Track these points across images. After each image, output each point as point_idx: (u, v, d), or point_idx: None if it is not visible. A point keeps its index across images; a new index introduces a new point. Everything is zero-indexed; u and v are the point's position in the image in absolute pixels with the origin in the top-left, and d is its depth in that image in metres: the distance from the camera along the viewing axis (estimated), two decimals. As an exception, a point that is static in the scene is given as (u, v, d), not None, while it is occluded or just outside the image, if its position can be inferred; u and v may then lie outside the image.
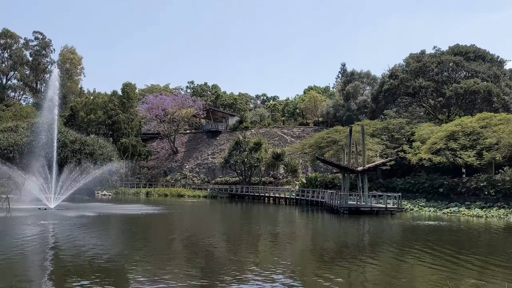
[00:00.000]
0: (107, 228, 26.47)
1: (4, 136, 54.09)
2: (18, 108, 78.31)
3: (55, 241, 19.67)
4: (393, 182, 47.89)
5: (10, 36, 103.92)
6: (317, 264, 15.77)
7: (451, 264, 15.23)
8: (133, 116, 75.89)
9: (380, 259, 16.69)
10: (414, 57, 57.03)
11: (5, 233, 21.90)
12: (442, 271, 14.11)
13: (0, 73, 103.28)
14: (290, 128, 78.50)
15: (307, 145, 52.84)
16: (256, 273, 13.57)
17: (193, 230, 26.54)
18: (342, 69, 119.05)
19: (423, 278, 13.49)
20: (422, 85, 52.30)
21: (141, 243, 19.81)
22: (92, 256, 15.77)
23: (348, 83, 74.16)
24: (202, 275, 13.27)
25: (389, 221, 32.32)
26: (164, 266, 14.52)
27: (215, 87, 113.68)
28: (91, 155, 54.59)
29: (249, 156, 61.40)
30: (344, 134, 48.59)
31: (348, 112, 70.21)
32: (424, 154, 42.18)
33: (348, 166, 37.23)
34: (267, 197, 56.72)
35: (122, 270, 13.75)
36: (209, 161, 77.24)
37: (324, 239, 23.39)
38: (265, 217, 37.06)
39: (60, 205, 36.22)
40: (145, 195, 64.68)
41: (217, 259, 16.21)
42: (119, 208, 38.30)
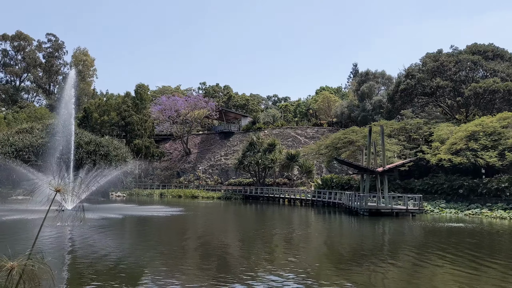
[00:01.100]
0: (134, 230, 26.20)
1: (20, 138, 54.22)
2: (32, 110, 78.59)
3: (81, 243, 19.41)
4: (410, 183, 47.19)
5: (23, 38, 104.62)
6: (337, 267, 15.42)
7: (473, 269, 14.71)
8: (146, 117, 75.88)
9: (402, 262, 16.28)
10: (431, 57, 56.23)
11: (38, 237, 21.68)
12: (463, 276, 13.65)
13: (14, 75, 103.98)
14: (303, 129, 77.87)
15: (323, 146, 52.26)
16: (275, 275, 13.35)
17: (215, 232, 26.19)
18: (354, 70, 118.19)
19: (443, 283, 13.03)
20: (439, 84, 51.49)
21: (166, 245, 19.50)
22: (118, 259, 15.47)
23: (362, 83, 73.36)
24: (226, 277, 12.98)
25: (410, 222, 31.73)
26: (184, 268, 14.18)
27: (227, 88, 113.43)
28: (106, 156, 54.45)
29: (263, 157, 60.94)
30: (361, 135, 47.99)
31: (363, 113, 69.44)
32: (443, 155, 41.48)
33: (367, 167, 36.61)
34: (282, 198, 56.21)
35: (149, 273, 13.43)
36: (222, 162, 76.91)
37: (345, 241, 22.92)
38: (282, 218, 36.63)
39: (77, 206, 36.02)
40: (158, 197, 64.52)
41: (240, 263, 15.83)
42: (140, 210, 37.95)
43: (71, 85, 42.82)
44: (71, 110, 42.03)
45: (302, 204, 51.81)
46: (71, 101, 41.59)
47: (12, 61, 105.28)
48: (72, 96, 42.01)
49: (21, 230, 24.15)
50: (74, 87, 43.24)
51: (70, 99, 41.71)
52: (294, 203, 53.16)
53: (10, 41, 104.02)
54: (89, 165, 45.53)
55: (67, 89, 43.75)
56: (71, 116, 42.06)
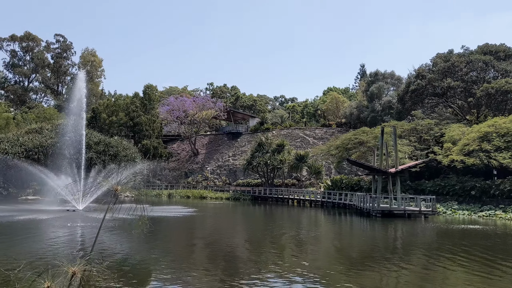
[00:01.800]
0: (156, 231, 25.96)
1: (29, 138, 54.38)
2: (41, 110, 78.81)
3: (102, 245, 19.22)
4: (421, 185, 46.78)
5: (31, 39, 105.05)
6: (349, 270, 15.22)
7: (487, 273, 14.42)
8: (155, 117, 75.86)
9: (415, 265, 16.07)
10: (441, 57, 55.76)
11: (62, 239, 21.59)
12: (477, 280, 13.39)
13: (22, 75, 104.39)
14: (312, 130, 77.50)
15: (333, 147, 51.94)
16: (287, 277, 13.22)
17: (227, 232, 26.03)
18: (361, 70, 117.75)
19: (456, 286, 12.79)
20: (451, 85, 51.03)
21: (182, 245, 19.34)
22: (140, 260, 15.30)
23: (372, 83, 72.91)
24: (234, 279, 12.79)
25: (424, 224, 31.43)
26: (199, 269, 14.00)
27: (234, 88, 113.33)
28: (115, 157, 54.54)
29: (272, 158, 60.68)
30: (371, 135, 47.66)
31: (372, 113, 69.00)
32: (456, 156, 41.06)
33: (380, 168, 36.28)
34: (291, 199, 55.92)
35: (168, 273, 13.27)
36: (230, 162, 76.73)
37: (358, 243, 22.67)
38: (293, 220, 36.39)
39: (88, 206, 36.03)
40: (167, 197, 64.42)
41: (254, 264, 15.63)
42: (154, 210, 37.69)
43: (81, 86, 42.76)
44: (82, 111, 41.95)
45: (312, 205, 51.49)
46: (83, 101, 41.55)
47: (21, 62, 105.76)
48: (83, 97, 41.97)
49: (34, 230, 24.08)
50: (84, 87, 43.15)
51: (81, 100, 41.66)
52: (303, 204, 52.87)
53: (19, 42, 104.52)
54: (100, 165, 45.56)
55: (77, 90, 43.70)
56: (82, 118, 41.92)
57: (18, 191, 52.84)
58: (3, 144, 53.16)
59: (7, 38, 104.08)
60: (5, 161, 51.14)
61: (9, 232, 22.52)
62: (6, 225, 24.97)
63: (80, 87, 42.23)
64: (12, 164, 51.13)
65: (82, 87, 42.01)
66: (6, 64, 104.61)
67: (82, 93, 41.99)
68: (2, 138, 55.10)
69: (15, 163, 50.26)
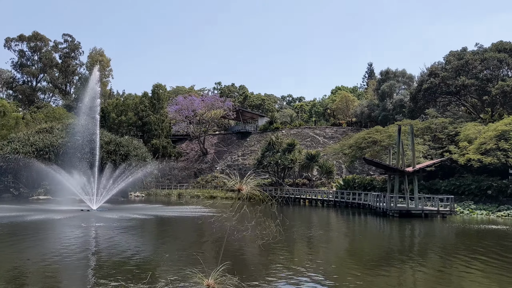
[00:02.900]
0: (165, 230, 25.69)
1: (40, 137, 54.25)
2: (50, 110, 78.72)
3: (127, 247, 18.89)
4: (436, 184, 46.19)
5: (39, 39, 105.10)
6: (365, 270, 14.86)
7: (508, 275, 13.98)
8: (164, 117, 75.62)
9: (437, 266, 15.68)
10: (455, 55, 55.05)
11: (81, 240, 21.27)
12: (494, 282, 12.92)
13: (30, 75, 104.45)
14: (322, 129, 76.93)
15: (347, 146, 51.42)
16: (305, 279, 12.95)
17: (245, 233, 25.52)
18: (369, 69, 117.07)
19: None
20: (465, 83, 50.33)
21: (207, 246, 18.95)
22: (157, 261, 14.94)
23: (383, 82, 72.22)
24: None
25: (443, 224, 30.94)
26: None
27: (242, 88, 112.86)
28: (126, 156, 54.30)
29: (283, 157, 60.20)
30: (386, 134, 47.12)
31: (383, 112, 68.33)
32: (472, 155, 40.46)
33: (397, 167, 35.74)
34: (303, 199, 55.40)
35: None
36: (239, 162, 76.32)
37: (377, 244, 22.18)
38: (307, 220, 35.87)
39: (102, 206, 35.75)
40: (177, 197, 64.02)
41: (274, 267, 15.22)
42: (169, 210, 37.33)
43: (95, 84, 42.47)
44: (96, 110, 41.62)
45: (324, 205, 50.99)
46: (97, 100, 41.24)
47: (29, 62, 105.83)
48: (97, 96, 41.69)
49: (50, 230, 23.79)
50: (98, 86, 42.87)
51: (94, 98, 41.35)
52: (315, 204, 52.36)
53: (27, 42, 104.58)
54: (113, 166, 45.28)
55: (91, 88, 43.41)
56: (96, 117, 41.57)
57: (29, 191, 52.72)
58: (14, 144, 53.08)
59: (15, 38, 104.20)
60: (17, 161, 51.05)
61: (28, 232, 22.24)
62: (24, 225, 24.69)
63: (93, 85, 41.91)
64: (23, 164, 51.03)
65: (95, 85, 41.68)
66: (14, 64, 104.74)
67: (96, 91, 41.70)
68: (13, 138, 55.03)
69: (27, 163, 50.16)
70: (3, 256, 15.46)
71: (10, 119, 70.21)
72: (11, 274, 12.84)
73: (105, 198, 36.41)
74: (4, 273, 12.84)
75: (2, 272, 12.97)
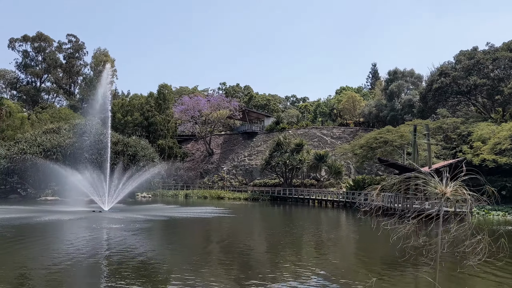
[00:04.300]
0: (182, 232, 25.16)
1: (47, 138, 53.80)
2: (56, 110, 78.36)
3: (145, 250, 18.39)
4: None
5: (43, 39, 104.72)
6: (392, 272, 14.57)
7: None
8: (169, 117, 75.19)
9: (460, 267, 15.17)
10: (465, 54, 54.58)
11: (95, 241, 20.79)
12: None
13: (35, 76, 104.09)
14: (329, 129, 76.43)
15: (358, 146, 50.94)
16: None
17: (267, 233, 25.09)
18: (373, 70, 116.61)
19: None
20: (476, 83, 49.85)
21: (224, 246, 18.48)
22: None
23: (391, 82, 71.78)
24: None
25: (461, 225, 30.41)
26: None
27: (247, 88, 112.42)
28: (133, 157, 53.84)
29: (291, 158, 59.72)
30: (397, 134, 46.66)
31: (392, 112, 67.86)
32: (487, 155, 39.98)
33: (414, 167, 35.18)
34: (312, 200, 54.91)
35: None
36: (246, 162, 75.85)
37: (392, 245, 21.63)
38: (320, 221, 35.30)
39: (114, 207, 35.30)
40: (183, 197, 63.54)
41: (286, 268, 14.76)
42: (182, 211, 36.78)
43: (106, 83, 42.01)
44: (107, 110, 41.14)
45: (334, 205, 50.53)
46: (107, 100, 40.80)
47: (33, 62, 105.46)
48: (109, 96, 41.25)
49: (63, 231, 23.31)
50: (110, 84, 42.38)
51: (105, 98, 40.91)
52: (325, 205, 51.89)
53: (31, 42, 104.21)
54: (120, 166, 44.80)
55: (101, 87, 42.94)
56: (107, 117, 41.05)
57: (37, 192, 52.28)
58: (21, 144, 52.64)
59: (19, 38, 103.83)
60: (24, 161, 50.59)
61: (40, 234, 21.80)
62: (36, 226, 24.23)
63: (104, 85, 41.44)
64: (30, 165, 50.59)
65: (107, 84, 41.21)
66: (18, 65, 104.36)
67: (107, 91, 41.27)
68: (20, 138, 54.62)
69: (34, 163, 49.72)
70: (16, 258, 15.06)
71: (15, 120, 69.84)
72: (22, 276, 12.51)
73: (117, 198, 35.96)
74: (15, 276, 12.54)
75: (13, 275, 12.66)
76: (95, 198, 35.27)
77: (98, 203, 35.14)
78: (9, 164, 51.40)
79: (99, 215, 31.34)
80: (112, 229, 23.37)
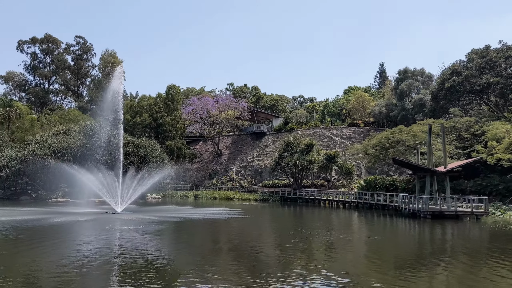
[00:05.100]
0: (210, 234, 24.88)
1: (58, 139, 53.78)
2: (65, 112, 78.50)
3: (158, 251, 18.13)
4: (461, 184, 45.08)
5: (52, 41, 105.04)
6: (416, 275, 14.01)
7: None
8: (178, 118, 75.05)
9: (477, 270, 14.83)
10: (477, 53, 53.96)
11: (110, 243, 20.58)
12: None
13: (43, 77, 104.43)
14: (339, 129, 75.95)
15: (370, 146, 50.49)
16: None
17: (283, 233, 24.75)
18: (381, 69, 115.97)
19: None
20: (490, 81, 49.27)
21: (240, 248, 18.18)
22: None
23: (401, 81, 71.22)
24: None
25: (478, 226, 30.01)
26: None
27: (255, 88, 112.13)
28: (144, 158, 53.70)
29: (301, 158, 59.35)
30: (410, 134, 46.19)
31: (402, 112, 67.29)
32: (502, 154, 39.45)
33: (430, 167, 34.82)
34: (323, 200, 54.50)
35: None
36: (255, 163, 75.54)
37: (420, 246, 21.29)
38: (333, 221, 34.76)
39: (127, 208, 35.14)
40: (193, 198, 63.31)
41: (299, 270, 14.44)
42: (197, 212, 36.53)
43: (117, 84, 41.84)
44: (119, 111, 40.94)
45: (345, 206, 50.12)
46: (119, 102, 40.61)
47: (41, 64, 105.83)
48: (120, 98, 41.08)
49: (75, 233, 23.13)
50: (122, 86, 42.23)
51: (117, 99, 40.74)
52: (337, 206, 51.47)
53: (39, 44, 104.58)
54: (132, 167, 44.70)
55: (112, 89, 42.80)
56: (120, 119, 40.87)
57: (47, 193, 52.23)
58: (32, 146, 52.67)
59: (27, 40, 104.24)
60: (34, 163, 50.60)
61: (54, 235, 21.63)
62: (50, 228, 24.06)
63: (116, 86, 41.25)
64: (41, 166, 50.57)
65: (118, 86, 41.02)
66: (27, 67, 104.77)
67: (119, 92, 41.10)
68: (31, 140, 54.67)
69: (45, 165, 49.70)
70: (29, 260, 14.92)
71: (25, 122, 70.04)
72: (36, 278, 12.37)
73: (130, 200, 35.80)
74: (27, 278, 12.41)
75: (25, 277, 12.56)
76: (108, 199, 35.11)
77: (110, 204, 34.98)
78: (20, 165, 51.44)
79: (113, 216, 31.17)
80: (128, 231, 23.14)
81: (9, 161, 51.64)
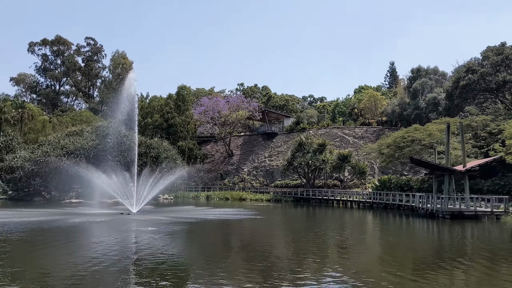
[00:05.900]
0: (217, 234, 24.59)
1: (70, 140, 53.85)
2: (77, 113, 78.77)
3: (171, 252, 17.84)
4: (478, 184, 44.36)
5: (62, 43, 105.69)
6: (430, 273, 13.60)
7: None
8: (189, 119, 74.93)
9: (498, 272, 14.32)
10: (493, 50, 53.20)
11: (138, 244, 20.33)
12: None
13: (54, 79, 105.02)
14: (351, 129, 75.34)
15: (385, 145, 49.91)
16: None
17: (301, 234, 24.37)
18: (391, 68, 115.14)
19: None
20: (506, 79, 48.48)
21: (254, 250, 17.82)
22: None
23: (414, 80, 70.46)
24: None
25: (499, 226, 29.40)
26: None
27: (265, 88, 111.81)
28: (156, 158, 53.57)
29: (314, 158, 58.82)
30: (426, 133, 45.55)
31: (416, 110, 66.55)
32: (521, 153, 38.76)
33: (449, 167, 34.23)
34: (336, 201, 53.95)
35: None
36: (266, 163, 75.15)
37: (441, 248, 20.75)
38: (348, 222, 34.17)
39: (142, 209, 34.97)
40: (205, 199, 63.04)
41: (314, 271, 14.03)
42: (209, 213, 36.26)
43: (130, 85, 41.70)
44: (134, 112, 40.74)
45: (359, 206, 49.53)
46: (134, 103, 40.47)
47: (52, 66, 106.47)
48: (135, 99, 40.93)
49: (92, 234, 22.94)
50: (135, 87, 42.14)
51: (132, 101, 40.59)
52: (351, 206, 50.88)
53: (50, 46, 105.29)
54: (147, 168, 44.57)
55: (126, 91, 42.66)
56: (134, 120, 40.65)
57: (61, 195, 52.26)
58: (45, 147, 52.77)
59: (38, 42, 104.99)
60: (47, 164, 50.65)
61: (71, 236, 21.44)
62: (66, 230, 23.88)
63: (129, 87, 41.12)
64: (54, 167, 50.61)
65: (131, 87, 40.89)
66: (38, 68, 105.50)
67: (133, 93, 40.96)
68: (43, 141, 54.80)
69: (58, 166, 49.72)
70: (46, 261, 14.76)
71: (37, 123, 70.41)
72: (52, 279, 12.19)
73: (145, 200, 35.63)
74: (43, 279, 12.21)
75: (41, 278, 12.35)
76: (123, 200, 34.94)
77: (126, 205, 34.80)
78: (33, 167, 51.53)
79: (128, 217, 30.97)
80: (145, 232, 22.89)
81: (23, 162, 51.78)
